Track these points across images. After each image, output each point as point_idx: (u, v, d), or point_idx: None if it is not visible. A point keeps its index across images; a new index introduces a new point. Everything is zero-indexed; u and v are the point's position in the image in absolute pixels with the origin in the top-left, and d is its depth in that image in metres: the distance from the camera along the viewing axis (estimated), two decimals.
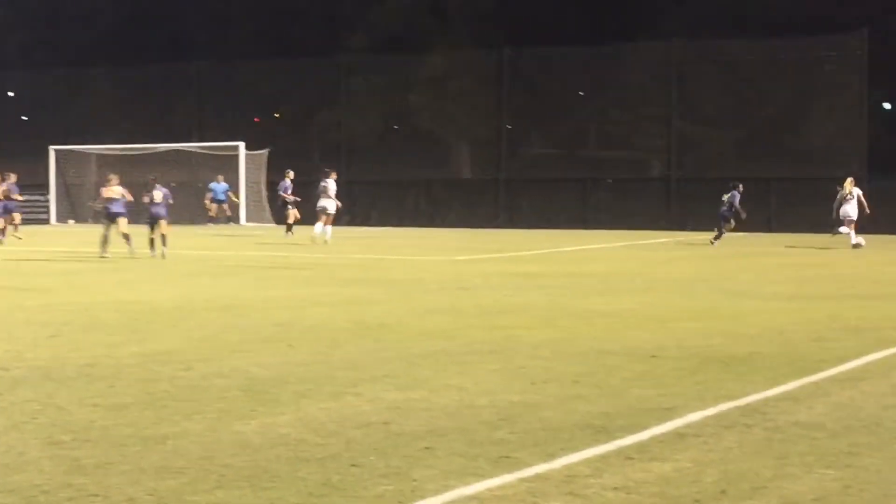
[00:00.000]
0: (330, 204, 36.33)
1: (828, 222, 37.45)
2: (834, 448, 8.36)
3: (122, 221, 29.57)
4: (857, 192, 35.80)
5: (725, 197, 37.28)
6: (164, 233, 29.44)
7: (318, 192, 36.57)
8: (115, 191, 30.01)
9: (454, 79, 53.59)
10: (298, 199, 41.99)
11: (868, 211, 35.66)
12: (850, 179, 36.31)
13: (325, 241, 35.21)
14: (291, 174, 43.50)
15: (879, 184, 43.36)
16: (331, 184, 36.58)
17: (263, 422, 9.21)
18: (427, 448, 8.33)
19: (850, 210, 35.45)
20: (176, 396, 10.25)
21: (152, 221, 29.79)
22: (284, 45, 59.95)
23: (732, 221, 36.94)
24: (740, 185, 37.39)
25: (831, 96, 48.00)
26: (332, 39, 58.72)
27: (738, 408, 9.75)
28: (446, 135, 55.00)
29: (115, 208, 29.68)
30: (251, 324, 15.50)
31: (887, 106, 57.37)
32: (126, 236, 29.23)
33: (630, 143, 52.26)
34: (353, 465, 7.85)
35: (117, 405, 9.84)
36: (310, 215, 38.19)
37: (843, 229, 35.47)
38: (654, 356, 12.60)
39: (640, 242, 38.31)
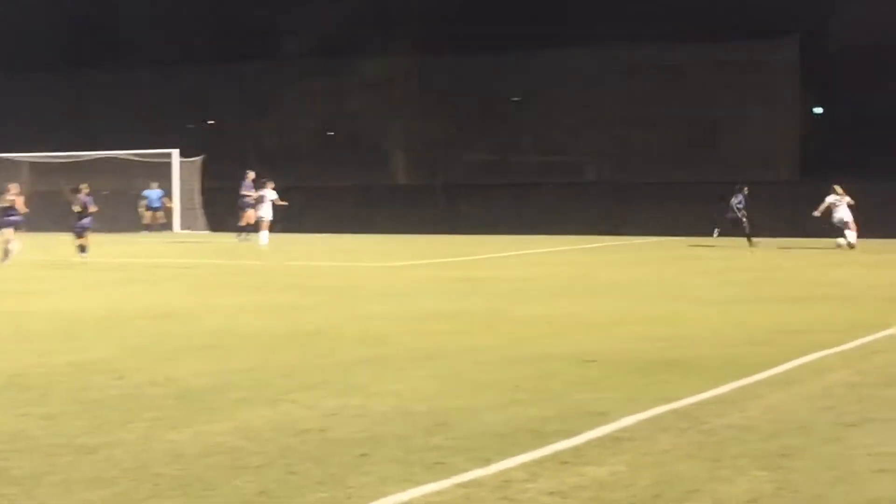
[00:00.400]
0: (268, 212, 36.48)
1: (762, 226, 37.83)
2: (766, 450, 8.41)
3: (7, 232, 29.21)
4: (846, 198, 36.43)
5: (734, 201, 37.79)
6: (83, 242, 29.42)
7: (256, 201, 36.83)
8: (8, 199, 29.72)
9: (391, 84, 53.53)
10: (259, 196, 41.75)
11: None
12: (836, 186, 36.86)
13: (263, 249, 35.33)
14: (252, 174, 43.38)
15: (811, 187, 43.67)
16: (268, 193, 36.84)
17: (198, 430, 9.14)
18: (363, 455, 8.31)
19: (845, 214, 36.05)
20: (109, 406, 10.16)
21: (79, 230, 29.75)
22: (220, 50, 59.67)
23: (745, 220, 37.48)
24: (745, 188, 37.89)
25: (765, 100, 48.34)
26: (269, 45, 58.52)
27: (673, 411, 9.80)
28: (383, 140, 54.93)
29: (9, 216, 29.34)
30: (186, 332, 15.41)
31: (819, 110, 57.83)
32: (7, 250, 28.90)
33: (568, 147, 52.41)
34: (289, 473, 7.82)
35: (48, 415, 9.74)
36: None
37: (843, 239, 35.74)
38: (592, 360, 12.63)
39: (579, 247, 38.41)
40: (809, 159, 45.99)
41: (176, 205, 52.36)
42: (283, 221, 50.71)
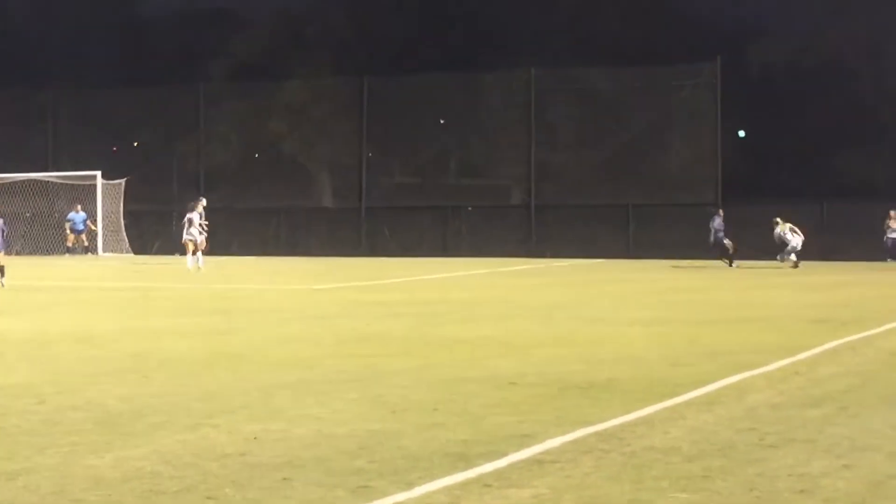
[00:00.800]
0: (196, 234, 36.95)
1: (683, 247, 38.23)
2: (688, 471, 8.45)
3: None
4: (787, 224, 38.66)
5: (713, 224, 39.01)
6: (1, 263, 29.04)
7: (184, 223, 36.82)
8: None
9: (314, 106, 53.46)
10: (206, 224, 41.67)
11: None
12: (777, 219, 39.11)
13: (199, 269, 35.49)
14: (204, 201, 43.31)
15: (734, 210, 44.12)
16: (195, 216, 36.77)
17: (118, 455, 9.05)
18: (285, 479, 8.26)
19: (793, 240, 37.90)
20: (28, 430, 10.03)
21: None
22: (143, 72, 59.36)
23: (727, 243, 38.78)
24: (720, 211, 39.24)
25: (687, 123, 48.75)
26: (192, 67, 58.31)
27: (595, 433, 9.82)
28: (307, 163, 54.83)
29: None
30: (107, 355, 15.27)
31: (741, 133, 58.46)
32: None
33: (490, 170, 52.58)
34: (209, 498, 7.75)
35: None
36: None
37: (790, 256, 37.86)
38: (513, 383, 12.64)
39: (501, 270, 38.51)
40: (732, 183, 46.42)
41: (99, 228, 51.99)
42: (210, 243, 50.53)
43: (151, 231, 53.64)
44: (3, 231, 29.96)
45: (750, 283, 31.06)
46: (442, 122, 53.09)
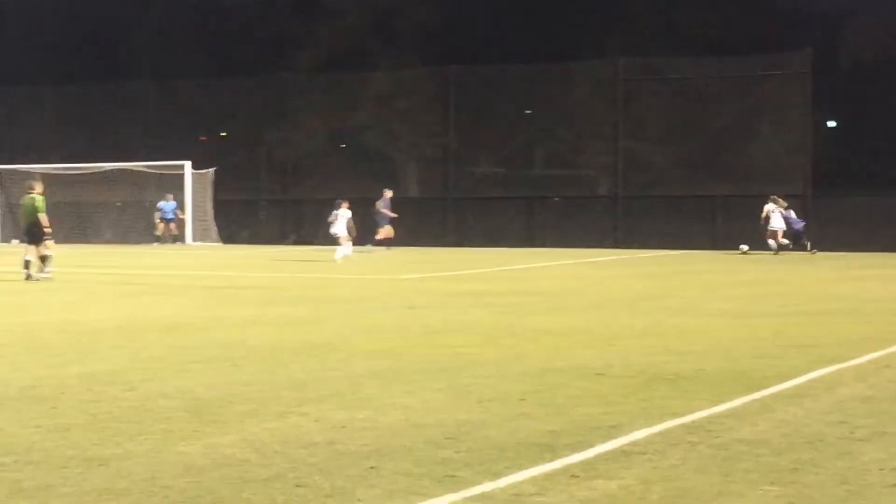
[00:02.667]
0: (341, 229, 38.03)
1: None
2: (778, 465, 8.39)
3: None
4: (780, 208, 38.46)
5: (785, 215, 39.45)
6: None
7: (331, 220, 38.58)
8: None
9: (400, 97, 53.58)
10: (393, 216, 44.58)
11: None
12: (774, 196, 38.82)
13: (341, 261, 36.23)
14: (390, 192, 44.52)
15: (824, 201, 43.72)
16: (343, 212, 38.28)
17: (208, 442, 9.14)
18: (372, 467, 8.30)
19: (777, 223, 38.21)
20: (119, 417, 10.16)
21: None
22: (231, 63, 59.82)
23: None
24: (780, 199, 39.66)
25: (776, 114, 48.28)
26: (279, 58, 58.68)
27: (683, 425, 9.77)
28: (393, 153, 54.96)
29: None
30: (196, 344, 15.42)
31: (832, 124, 57.84)
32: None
33: (576, 161, 52.41)
34: (297, 486, 7.81)
35: (60, 426, 9.74)
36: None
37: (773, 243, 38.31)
38: (599, 374, 12.62)
39: (586, 260, 38.41)
40: (822, 174, 45.94)
41: (188, 217, 52.51)
42: (297, 233, 50.91)
43: (239, 220, 54.10)
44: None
45: (836, 275, 30.72)
46: (528, 112, 53.01)
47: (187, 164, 52.77)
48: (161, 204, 52.04)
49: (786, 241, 40.11)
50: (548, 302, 22.34)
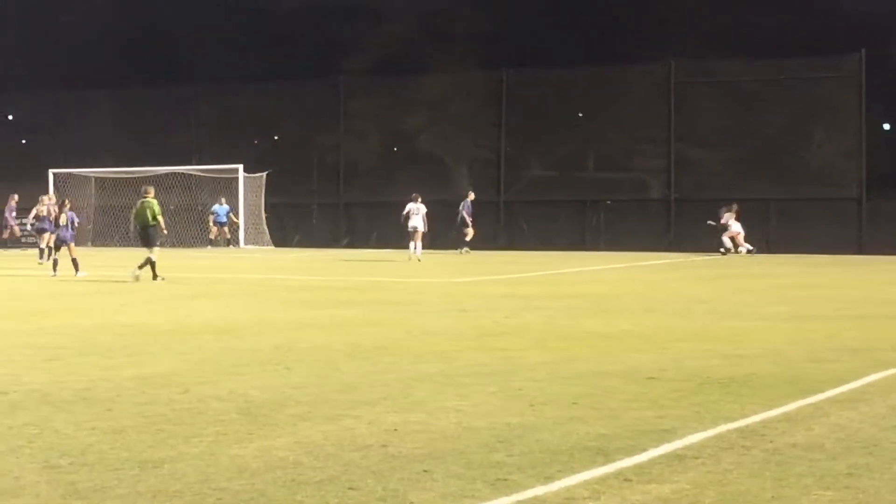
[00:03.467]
0: (419, 223, 39.37)
1: (825, 243, 37.66)
2: (832, 469, 8.34)
3: (46, 236, 31.08)
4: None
5: None
6: (74, 256, 29.95)
7: (408, 214, 39.98)
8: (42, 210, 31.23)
9: (453, 100, 53.64)
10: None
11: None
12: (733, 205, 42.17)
13: (418, 260, 36.91)
14: (472, 195, 45.32)
15: (878, 204, 43.41)
16: (419, 206, 39.69)
17: (261, 445, 9.18)
18: (425, 471, 8.31)
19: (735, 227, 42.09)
20: (173, 420, 10.22)
21: (58, 244, 30.82)
22: (283, 67, 60.05)
23: None
24: None
25: (829, 117, 48.03)
26: (331, 61, 58.86)
27: (736, 429, 9.72)
28: (446, 156, 55.01)
29: (43, 225, 31.25)
30: (248, 346, 15.48)
31: (886, 126, 57.44)
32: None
33: (629, 164, 52.30)
34: (350, 489, 7.83)
35: (114, 428, 9.81)
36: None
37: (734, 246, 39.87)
38: (651, 377, 12.58)
39: (639, 264, 38.30)
40: (876, 176, 45.63)
41: (241, 220, 52.78)
42: (349, 236, 51.07)
43: (291, 224, 54.30)
44: (72, 222, 30.73)
45: (891, 279, 30.51)
46: (580, 115, 52.93)
47: (240, 168, 53.04)
48: (215, 207, 52.36)
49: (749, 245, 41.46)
50: (599, 305, 22.29)
